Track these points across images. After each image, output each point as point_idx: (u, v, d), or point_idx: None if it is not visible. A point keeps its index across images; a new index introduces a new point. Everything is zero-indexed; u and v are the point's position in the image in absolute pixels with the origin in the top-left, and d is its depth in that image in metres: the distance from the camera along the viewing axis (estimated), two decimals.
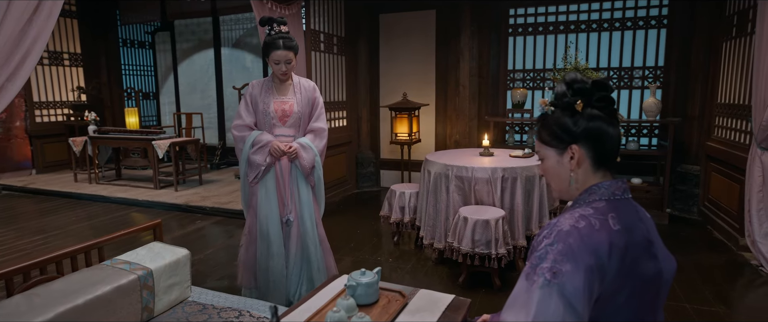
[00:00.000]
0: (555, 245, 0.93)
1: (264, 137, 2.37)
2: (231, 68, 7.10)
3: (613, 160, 1.04)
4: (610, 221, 0.95)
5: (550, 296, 0.89)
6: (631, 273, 0.93)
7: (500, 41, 5.20)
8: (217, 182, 5.89)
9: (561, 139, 1.03)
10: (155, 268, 1.66)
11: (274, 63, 2.27)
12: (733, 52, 3.82)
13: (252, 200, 2.50)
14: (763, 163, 3.09)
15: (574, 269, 0.89)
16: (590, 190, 1.02)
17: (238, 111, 2.41)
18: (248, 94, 2.41)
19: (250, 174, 2.43)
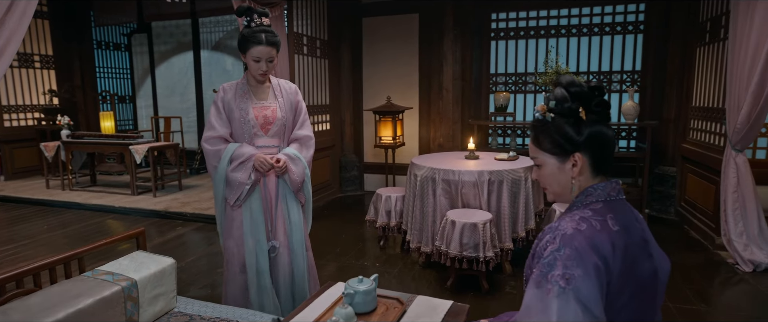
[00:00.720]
0: (562, 250, 0.93)
1: (245, 150, 2.01)
2: (211, 71, 6.97)
3: (612, 163, 1.06)
4: (610, 222, 0.96)
5: (567, 302, 0.89)
6: (631, 273, 0.95)
7: (482, 45, 5.26)
8: (197, 188, 5.76)
9: (563, 148, 1.02)
10: (139, 278, 1.60)
11: (253, 61, 1.94)
12: (706, 57, 3.95)
13: (231, 226, 2.10)
14: (737, 164, 3.20)
15: (585, 273, 0.90)
16: (587, 192, 1.03)
17: (209, 121, 2.04)
18: (220, 100, 2.03)
19: (229, 196, 2.05)
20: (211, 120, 2.05)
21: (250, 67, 2.00)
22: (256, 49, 1.92)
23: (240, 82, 2.07)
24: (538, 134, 1.07)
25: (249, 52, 1.94)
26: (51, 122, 6.35)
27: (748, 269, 3.10)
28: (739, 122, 3.07)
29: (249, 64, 1.98)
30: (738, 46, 3.08)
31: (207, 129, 2.05)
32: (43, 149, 5.55)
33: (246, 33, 1.94)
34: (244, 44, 1.95)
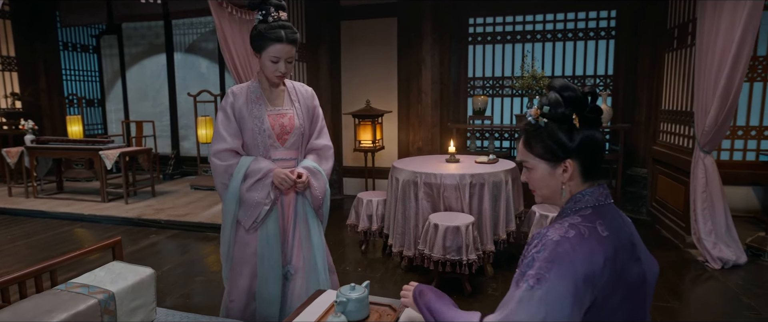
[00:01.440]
0: (542, 252, 0.95)
1: (261, 165, 1.76)
2: (185, 74, 6.81)
3: (601, 169, 1.07)
4: (599, 228, 0.97)
5: (529, 300, 0.91)
6: (621, 277, 0.95)
7: (460, 49, 5.31)
8: (171, 194, 5.60)
9: (555, 154, 1.02)
10: (117, 290, 1.53)
11: (270, 61, 1.70)
12: (675, 62, 4.10)
13: (244, 252, 1.82)
14: (706, 165, 3.32)
15: (558, 278, 0.90)
16: (575, 198, 1.04)
17: (217, 131, 1.77)
18: (229, 106, 1.76)
19: (244, 218, 1.79)
20: (219, 130, 1.76)
21: (265, 69, 1.75)
22: (275, 47, 1.68)
23: (251, 86, 1.80)
24: (529, 139, 1.06)
25: (266, 50, 1.70)
26: (14, 127, 6.07)
27: (717, 266, 3.22)
28: (707, 125, 3.20)
29: (264, 64, 1.74)
30: (705, 52, 3.21)
31: (216, 141, 1.77)
32: (5, 155, 5.29)
33: (262, 29, 1.69)
34: (259, 42, 1.70)
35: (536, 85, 4.57)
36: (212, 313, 2.68)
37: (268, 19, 1.71)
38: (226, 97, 1.80)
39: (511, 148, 5.27)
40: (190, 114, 6.52)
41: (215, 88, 6.48)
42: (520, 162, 1.11)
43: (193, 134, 6.69)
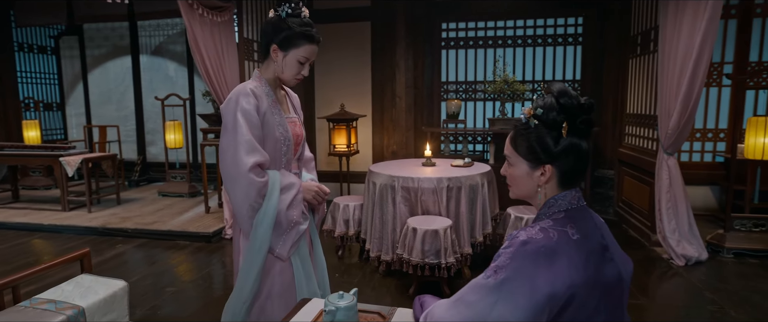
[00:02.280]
0: (508, 248, 0.97)
1: (291, 179, 1.58)
2: (151, 77, 6.58)
3: (582, 178, 1.08)
4: (569, 231, 0.98)
5: (483, 286, 0.95)
6: (596, 279, 0.96)
7: (433, 53, 5.37)
8: (138, 201, 5.39)
9: (538, 157, 1.03)
10: (88, 305, 1.46)
11: (297, 61, 1.54)
12: (638, 67, 4.28)
13: (278, 282, 1.56)
14: (669, 166, 3.47)
15: (516, 271, 0.92)
16: (549, 203, 1.05)
17: (245, 140, 1.47)
18: (255, 109, 1.51)
19: (282, 244, 1.54)
20: (249, 138, 1.47)
21: (287, 68, 1.55)
22: (308, 47, 1.55)
23: (262, 87, 1.58)
24: (517, 137, 1.06)
25: (295, 50, 1.53)
26: None
27: (681, 263, 3.37)
28: (670, 128, 3.34)
29: (288, 64, 1.55)
30: (667, 58, 3.36)
31: (247, 152, 1.46)
32: None
33: (295, 25, 1.51)
34: (290, 39, 1.51)
35: (508, 89, 4.67)
36: None
37: (300, 14, 1.55)
38: (246, 97, 1.51)
39: (484, 152, 5.35)
40: (158, 118, 6.30)
41: (184, 91, 6.30)
42: (504, 156, 1.12)
43: (161, 139, 6.47)
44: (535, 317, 0.91)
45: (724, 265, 3.40)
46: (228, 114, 1.50)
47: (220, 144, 1.51)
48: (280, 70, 1.56)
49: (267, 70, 1.60)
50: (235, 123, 1.48)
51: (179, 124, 5.43)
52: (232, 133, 1.48)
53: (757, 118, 3.43)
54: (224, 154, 1.49)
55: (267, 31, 1.55)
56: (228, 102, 1.51)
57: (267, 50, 1.57)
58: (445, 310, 1.00)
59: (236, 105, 1.49)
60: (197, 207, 4.98)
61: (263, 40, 1.57)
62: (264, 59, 1.60)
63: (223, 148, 1.50)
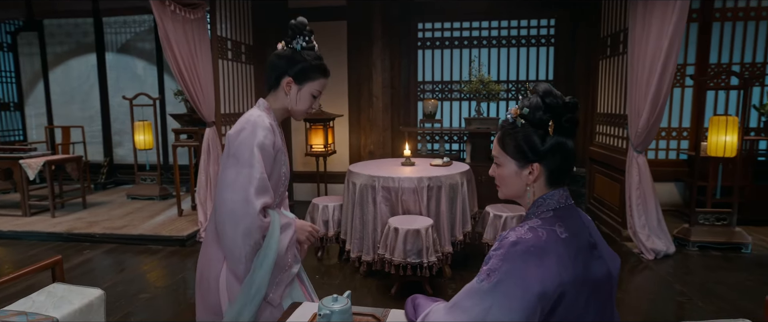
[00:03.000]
0: (498, 250, 0.98)
1: (284, 218, 1.50)
2: (118, 76, 6.34)
3: (569, 176, 1.10)
4: (558, 230, 0.99)
5: (478, 291, 0.96)
6: (586, 277, 0.98)
7: (410, 53, 5.39)
8: (105, 205, 5.18)
9: (525, 156, 1.04)
10: (62, 316, 1.38)
11: (311, 95, 1.51)
12: (608, 68, 4.42)
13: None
14: (639, 164, 3.60)
15: (509, 274, 0.93)
16: (538, 202, 1.06)
17: (256, 175, 1.37)
18: (272, 145, 1.44)
19: (276, 287, 1.44)
20: (263, 176, 1.38)
21: (300, 102, 1.51)
22: (322, 81, 1.52)
23: (273, 120, 1.50)
24: (504, 136, 1.08)
25: (311, 83, 1.50)
26: None
27: (651, 256, 3.50)
28: (640, 127, 3.47)
29: (302, 97, 1.50)
30: (636, 60, 3.48)
31: (260, 191, 1.36)
32: None
33: (311, 58, 1.49)
34: (307, 72, 1.48)
35: (484, 89, 4.74)
36: None
37: (315, 47, 1.53)
38: (265, 131, 1.42)
39: (460, 151, 5.41)
40: (126, 119, 6.09)
41: (153, 91, 6.10)
42: (492, 157, 1.13)
43: (129, 140, 6.24)
44: (529, 317, 0.92)
45: (690, 258, 3.55)
46: (243, 146, 1.39)
47: (226, 175, 1.38)
48: (293, 104, 1.51)
49: (276, 101, 1.52)
50: (251, 157, 1.38)
51: (149, 124, 5.25)
52: (246, 168, 1.37)
53: (719, 118, 3.60)
54: (232, 189, 1.36)
55: (279, 64, 1.48)
56: (243, 132, 1.41)
57: (277, 82, 1.49)
58: (442, 316, 1.00)
59: (254, 137, 1.40)
60: (169, 210, 4.83)
61: (273, 71, 1.49)
62: (271, 91, 1.52)
63: (230, 182, 1.36)
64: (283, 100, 1.51)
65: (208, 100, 4.04)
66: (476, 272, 1.00)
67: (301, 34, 1.49)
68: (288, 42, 1.50)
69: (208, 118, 4.08)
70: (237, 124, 1.45)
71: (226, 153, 1.43)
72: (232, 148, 1.41)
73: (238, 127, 1.43)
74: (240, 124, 1.43)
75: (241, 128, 1.42)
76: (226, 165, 1.40)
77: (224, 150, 1.45)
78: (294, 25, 1.48)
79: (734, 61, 4.69)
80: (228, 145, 1.43)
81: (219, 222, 1.38)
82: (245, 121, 1.43)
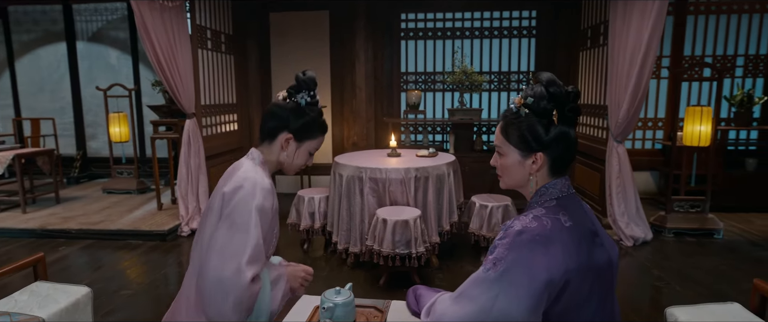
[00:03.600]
0: (503, 239, 0.98)
1: (274, 272, 1.40)
2: (91, 65, 6.10)
3: (570, 165, 1.11)
4: (562, 219, 1.00)
5: (484, 280, 0.96)
6: (589, 264, 0.99)
7: (393, 44, 5.36)
8: (80, 199, 5.01)
9: (529, 145, 1.04)
10: (48, 316, 1.33)
11: (309, 152, 1.44)
12: (588, 60, 4.49)
13: None
14: (619, 154, 3.69)
15: (515, 262, 0.94)
16: (541, 191, 1.07)
17: (251, 242, 1.23)
18: (270, 208, 1.33)
19: None
20: (259, 243, 1.24)
21: (297, 158, 1.42)
22: (321, 139, 1.45)
23: (265, 172, 1.38)
24: (507, 126, 1.07)
25: (311, 142, 1.42)
26: None
27: (630, 243, 3.61)
28: (620, 117, 3.55)
29: (300, 155, 1.42)
30: (616, 52, 3.55)
31: (253, 259, 1.22)
32: None
33: (315, 115, 1.40)
34: (308, 131, 1.39)
35: (467, 80, 4.76)
36: None
37: (317, 101, 1.42)
38: (265, 193, 1.29)
39: (443, 142, 5.44)
40: (99, 110, 5.88)
41: (129, 81, 5.90)
42: (493, 146, 1.13)
43: (103, 133, 6.05)
44: (536, 304, 0.93)
45: (667, 244, 3.67)
46: (240, 207, 1.24)
47: (218, 237, 1.24)
48: (290, 160, 1.41)
49: (270, 154, 1.40)
50: (248, 222, 1.23)
51: (124, 116, 5.08)
52: (241, 234, 1.22)
53: (694, 108, 3.72)
54: (222, 256, 1.21)
55: (281, 117, 1.37)
56: (241, 191, 1.26)
57: (274, 135, 1.38)
58: (448, 306, 1.01)
59: (253, 199, 1.26)
60: (148, 204, 4.71)
61: (271, 123, 1.38)
62: (265, 141, 1.40)
63: (221, 247, 1.22)
64: (277, 154, 1.39)
65: (187, 91, 3.94)
66: (463, 262, 1.01)
67: (307, 89, 1.38)
68: (291, 94, 1.39)
69: (188, 109, 3.98)
70: (233, 179, 1.30)
71: (218, 209, 1.27)
72: (227, 208, 1.26)
73: (234, 184, 1.28)
74: (237, 181, 1.29)
75: (238, 186, 1.27)
76: (219, 226, 1.25)
77: (215, 203, 1.29)
78: (303, 80, 1.38)
79: (707, 54, 4.84)
80: (222, 203, 1.27)
81: (204, 289, 1.21)
82: (243, 178, 1.29)
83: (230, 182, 1.29)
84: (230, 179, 1.31)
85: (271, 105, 1.42)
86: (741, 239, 3.75)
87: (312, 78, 1.39)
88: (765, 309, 1.16)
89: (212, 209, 1.30)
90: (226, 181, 1.32)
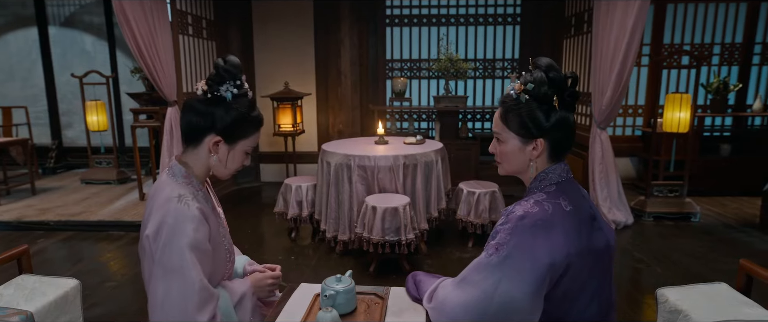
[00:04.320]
0: (505, 225, 0.99)
1: (236, 292, 1.23)
2: (65, 51, 5.88)
3: (569, 150, 1.12)
4: (562, 203, 1.01)
5: (487, 265, 0.98)
6: (589, 248, 1.01)
7: (378, 31, 5.31)
8: (57, 190, 4.87)
9: (529, 131, 1.05)
10: (36, 309, 1.30)
11: (244, 152, 1.24)
12: (572, 47, 4.54)
13: None
14: (602, 140, 3.76)
15: (517, 247, 0.96)
16: (540, 176, 1.08)
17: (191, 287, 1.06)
18: (206, 238, 1.13)
19: None
20: (202, 284, 1.07)
21: (232, 161, 1.22)
22: (258, 135, 1.25)
23: (192, 189, 1.17)
24: (507, 112, 1.07)
25: (244, 141, 1.21)
26: None
27: (612, 227, 3.70)
28: (604, 104, 3.61)
29: (234, 158, 1.22)
30: (600, 40, 3.60)
31: (201, 304, 1.06)
32: None
33: (245, 110, 1.18)
34: (244, 128, 1.19)
35: (452, 67, 4.75)
36: (134, 319, 2.43)
37: (247, 91, 1.20)
38: (194, 223, 1.10)
39: (429, 129, 5.45)
40: (75, 98, 5.69)
41: (105, 68, 5.71)
42: (492, 133, 1.13)
43: (80, 121, 5.86)
44: (538, 288, 0.95)
45: (647, 227, 3.78)
46: (168, 251, 1.06)
47: (153, 290, 1.07)
48: (222, 165, 1.20)
49: (197, 161, 1.19)
50: (182, 263, 1.05)
51: (102, 104, 4.93)
52: (177, 280, 1.05)
53: (674, 95, 3.81)
54: (164, 311, 1.05)
55: (203, 115, 1.15)
56: (163, 231, 1.07)
57: (198, 139, 1.17)
58: (451, 291, 1.01)
59: (181, 237, 1.07)
60: (129, 194, 4.61)
61: (191, 123, 1.16)
62: (189, 147, 1.19)
63: (160, 301, 1.05)
64: (205, 160, 1.18)
65: (169, 78, 3.84)
66: (451, 248, 1.02)
67: (232, 78, 1.15)
68: (213, 86, 1.15)
69: (169, 96, 3.88)
70: (154, 216, 1.09)
71: (147, 253, 1.09)
72: (153, 254, 1.07)
73: (156, 224, 1.07)
74: (158, 216, 1.08)
75: (159, 224, 1.07)
76: (153, 273, 1.07)
77: (145, 244, 1.09)
78: (224, 68, 1.15)
79: (685, 42, 4.95)
80: (146, 245, 1.08)
81: None
82: (164, 212, 1.08)
83: (152, 218, 1.09)
84: (151, 213, 1.11)
85: (188, 101, 1.18)
86: (716, 222, 3.89)
87: (235, 64, 1.16)
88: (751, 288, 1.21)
89: (144, 249, 1.10)
90: (149, 215, 1.11)
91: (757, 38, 4.92)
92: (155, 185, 1.18)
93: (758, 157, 4.65)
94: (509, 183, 4.73)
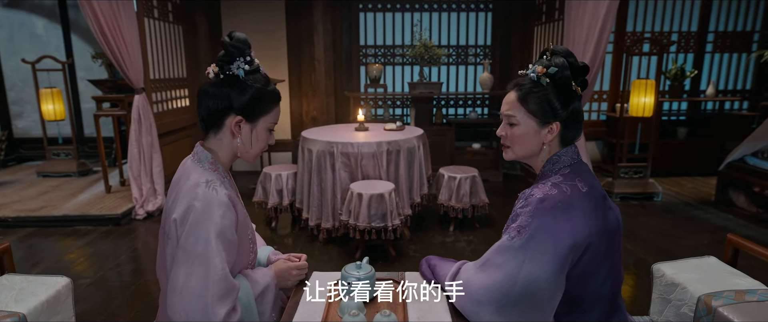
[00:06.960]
0: (526, 207, 1.02)
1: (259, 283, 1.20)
2: (12, 35, 5.46)
3: (579, 135, 1.15)
4: (579, 185, 1.04)
5: (509, 248, 1.00)
6: (604, 227, 1.05)
7: (351, 16, 5.24)
8: (11, 185, 4.56)
9: (547, 115, 1.07)
10: (29, 311, 1.22)
11: (268, 130, 1.20)
12: (543, 34, 4.65)
13: None
14: None
15: (539, 229, 0.98)
16: (553, 159, 1.10)
17: (214, 276, 1.03)
18: (233, 226, 1.10)
19: None
20: (224, 273, 1.05)
21: (257, 141, 1.18)
22: (278, 110, 1.20)
23: (219, 175, 1.15)
24: (526, 94, 1.07)
25: (265, 118, 1.17)
26: None
27: None
28: None
29: (258, 137, 1.17)
30: (573, 26, 3.70)
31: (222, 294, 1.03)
32: None
33: (262, 86, 1.14)
34: (259, 106, 1.14)
35: (427, 54, 4.77)
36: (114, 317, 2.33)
37: (258, 67, 1.16)
38: (222, 209, 1.07)
39: (404, 116, 5.46)
40: (26, 86, 5.32)
41: (59, 53, 5.34)
42: (503, 115, 1.12)
43: (33, 111, 5.49)
44: (561, 268, 0.98)
45: None
46: (195, 235, 1.04)
47: (175, 275, 1.04)
48: (248, 147, 1.17)
49: (221, 148, 1.17)
50: (207, 251, 1.03)
51: (59, 92, 4.63)
52: (200, 266, 1.02)
53: (640, 81, 3.99)
54: (183, 296, 1.02)
55: (220, 97, 1.12)
56: (191, 214, 1.05)
57: (219, 122, 1.14)
58: (474, 274, 1.04)
59: (209, 222, 1.04)
60: (94, 187, 4.38)
61: (210, 107, 1.13)
62: (210, 133, 1.17)
63: (180, 286, 1.02)
64: (230, 144, 1.16)
65: (135, 64, 3.64)
66: (433, 232, 1.04)
67: (241, 55, 1.12)
68: (224, 66, 1.12)
69: (136, 84, 3.70)
70: (180, 198, 1.06)
71: (172, 238, 1.06)
72: (179, 237, 1.05)
73: (184, 207, 1.05)
74: (186, 201, 1.06)
75: (188, 208, 1.05)
76: (176, 257, 1.05)
77: (170, 230, 1.07)
78: (231, 44, 1.10)
79: (646, 30, 5.17)
80: (172, 230, 1.06)
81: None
82: (192, 196, 1.06)
83: (179, 203, 1.07)
84: (178, 197, 1.08)
85: (203, 86, 1.15)
86: (676, 200, 4.14)
87: (242, 39, 1.12)
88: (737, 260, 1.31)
89: (168, 236, 1.08)
90: (175, 199, 1.08)
91: (710, 27, 5.21)
92: (180, 171, 1.16)
93: (711, 140, 4.97)
94: (488, 167, 4.84)
